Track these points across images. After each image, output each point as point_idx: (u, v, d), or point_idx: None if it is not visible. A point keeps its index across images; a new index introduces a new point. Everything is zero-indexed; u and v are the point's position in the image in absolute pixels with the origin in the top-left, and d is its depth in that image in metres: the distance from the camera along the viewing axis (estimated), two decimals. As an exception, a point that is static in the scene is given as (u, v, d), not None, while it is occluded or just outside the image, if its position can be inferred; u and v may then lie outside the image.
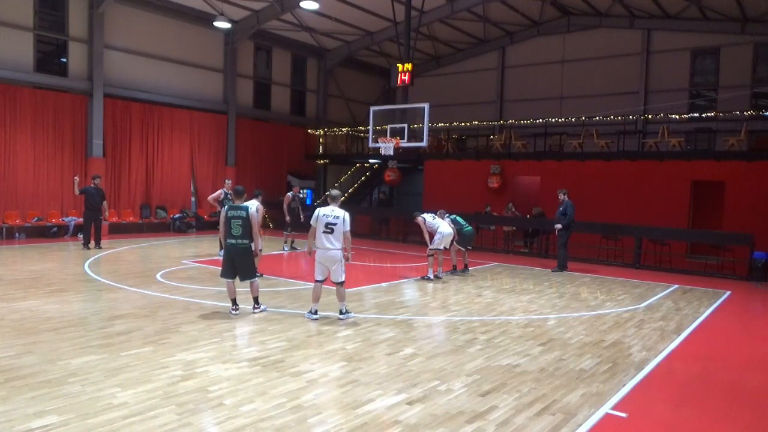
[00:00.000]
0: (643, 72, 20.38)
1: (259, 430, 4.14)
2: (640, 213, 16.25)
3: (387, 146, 15.33)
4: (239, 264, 7.55)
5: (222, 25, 18.56)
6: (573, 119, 19.27)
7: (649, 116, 19.59)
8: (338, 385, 5.11)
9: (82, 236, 14.39)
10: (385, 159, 21.34)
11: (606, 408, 4.83)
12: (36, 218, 16.04)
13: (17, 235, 15.60)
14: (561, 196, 12.97)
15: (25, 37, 15.93)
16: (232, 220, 7.49)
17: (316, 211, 7.55)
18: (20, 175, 15.88)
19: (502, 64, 23.92)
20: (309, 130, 24.66)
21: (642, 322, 8.20)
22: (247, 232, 7.49)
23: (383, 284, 10.58)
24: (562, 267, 13.15)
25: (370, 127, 16.10)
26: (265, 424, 4.24)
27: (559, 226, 12.82)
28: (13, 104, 15.69)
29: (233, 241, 7.51)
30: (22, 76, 15.87)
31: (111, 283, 9.62)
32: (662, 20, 19.88)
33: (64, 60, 16.90)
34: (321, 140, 24.88)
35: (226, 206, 7.76)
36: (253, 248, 7.62)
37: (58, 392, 4.68)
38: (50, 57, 16.86)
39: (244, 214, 7.48)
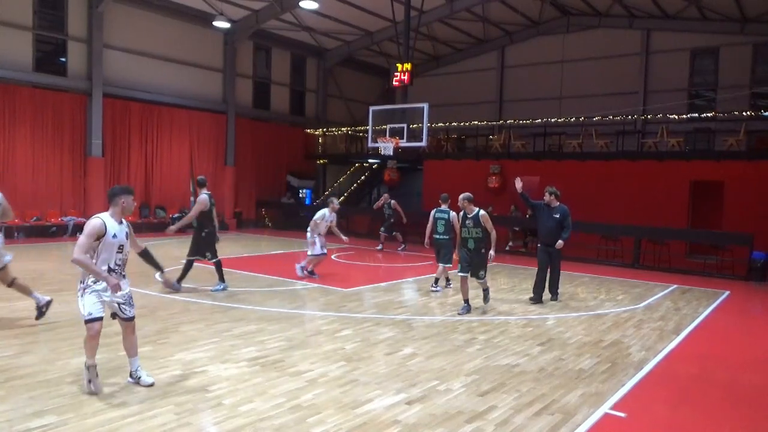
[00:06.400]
0: (643, 72, 20.38)
1: (258, 430, 4.14)
2: (639, 213, 16.25)
3: (386, 146, 15.34)
4: (439, 252, 9.89)
5: (221, 24, 18.56)
6: (572, 119, 19.27)
7: (649, 116, 19.60)
8: (337, 385, 5.11)
9: None
10: (384, 159, 21.34)
11: (605, 408, 4.83)
12: (35, 218, 16.04)
13: (16, 234, 15.60)
14: (548, 197, 9.59)
15: (25, 37, 15.93)
16: (438, 221, 9.83)
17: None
18: (19, 175, 15.88)
19: (501, 64, 23.91)
20: (308, 130, 24.65)
21: (641, 322, 8.20)
22: (449, 230, 9.72)
23: (382, 284, 10.58)
24: (557, 293, 9.69)
25: (370, 127, 16.10)
26: (264, 424, 4.23)
27: (561, 243, 9.27)
28: (12, 104, 15.69)
29: (437, 237, 9.81)
30: (22, 75, 15.86)
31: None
32: (662, 20, 19.89)
33: (64, 59, 16.90)
34: (320, 140, 24.87)
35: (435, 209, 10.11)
36: (452, 243, 9.62)
37: (57, 392, 4.68)
38: (49, 56, 16.86)
39: (446, 216, 9.81)
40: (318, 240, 10.63)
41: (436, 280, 10.03)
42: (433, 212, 10.02)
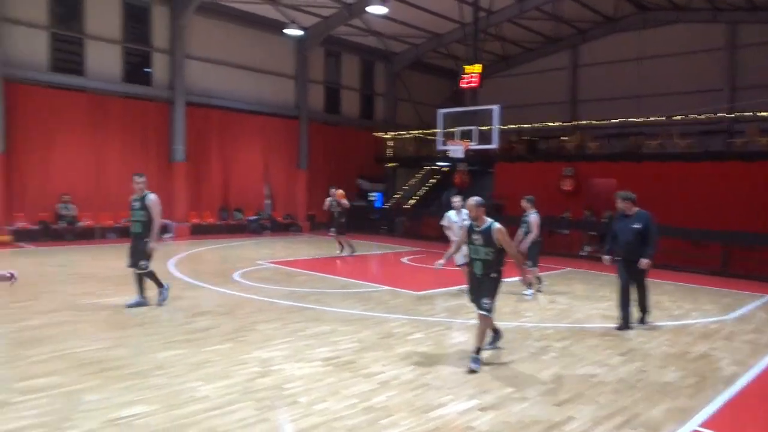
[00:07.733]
0: (728, 68, 19.17)
1: (332, 429, 4.21)
2: (727, 217, 15.22)
3: (456, 149, 15.22)
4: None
5: (293, 32, 19.10)
6: (652, 119, 18.39)
7: (737, 114, 18.39)
8: (410, 388, 5.11)
9: None
10: (454, 162, 21.18)
11: (693, 425, 4.55)
12: (125, 219, 17.05)
13: (109, 234, 16.68)
14: (622, 204, 7.77)
15: (114, 50, 17.07)
16: (521, 224, 10.02)
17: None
18: (112, 179, 16.93)
19: (574, 63, 23.21)
20: (377, 134, 24.84)
21: (732, 334, 7.68)
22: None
23: (453, 288, 10.47)
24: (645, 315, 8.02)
25: (439, 130, 16.03)
26: (337, 423, 4.30)
27: (646, 263, 7.48)
28: (105, 113, 16.83)
29: None
30: (112, 86, 17.01)
31: (192, 281, 10.09)
32: (749, 12, 18.61)
33: (149, 70, 17.94)
34: (390, 143, 25.00)
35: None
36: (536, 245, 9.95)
37: (146, 383, 4.97)
38: (136, 67, 17.96)
39: (527, 219, 9.98)
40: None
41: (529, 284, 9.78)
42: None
